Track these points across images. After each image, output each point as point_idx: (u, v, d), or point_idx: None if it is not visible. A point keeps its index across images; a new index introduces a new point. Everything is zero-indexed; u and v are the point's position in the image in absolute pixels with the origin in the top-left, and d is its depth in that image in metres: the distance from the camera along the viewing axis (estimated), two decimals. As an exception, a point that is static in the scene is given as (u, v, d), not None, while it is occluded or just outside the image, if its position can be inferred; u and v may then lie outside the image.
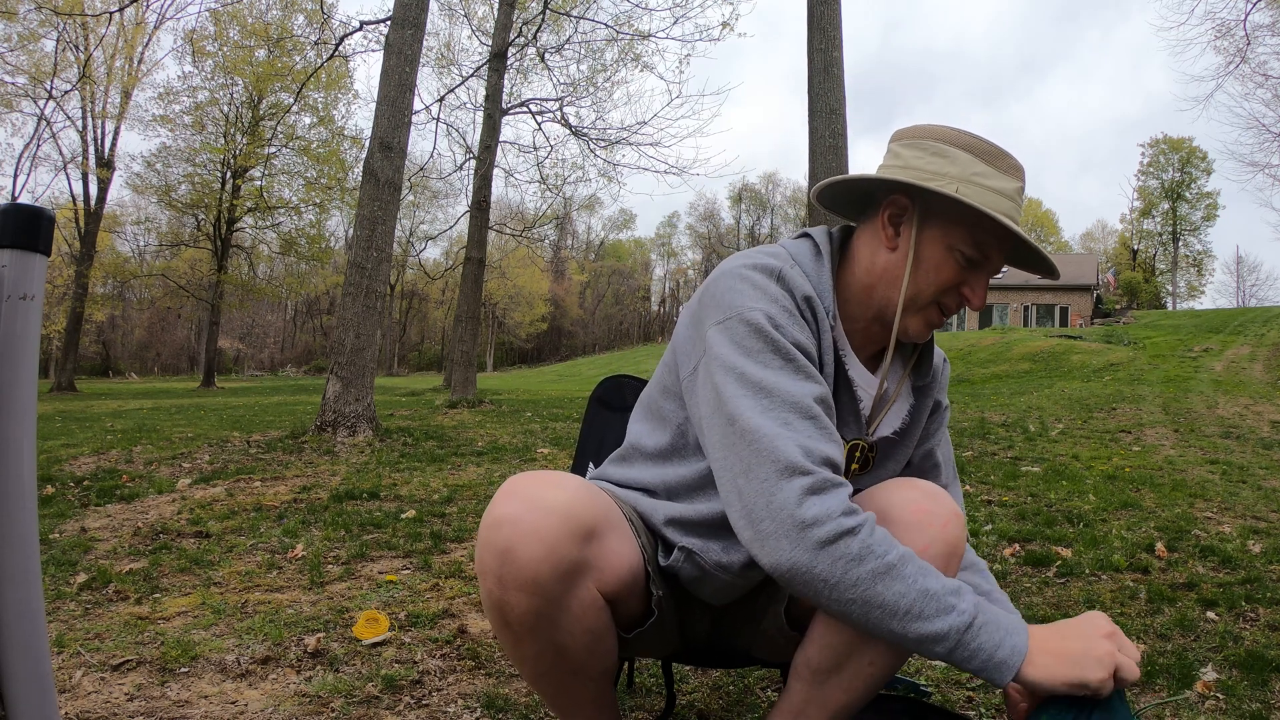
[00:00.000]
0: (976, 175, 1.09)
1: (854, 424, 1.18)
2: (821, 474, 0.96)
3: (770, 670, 1.82)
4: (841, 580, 0.93)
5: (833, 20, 6.52)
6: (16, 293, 0.69)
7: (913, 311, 1.14)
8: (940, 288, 1.13)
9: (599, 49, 14.48)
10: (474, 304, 12.10)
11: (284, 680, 1.77)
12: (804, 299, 1.08)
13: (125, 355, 49.83)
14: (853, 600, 0.93)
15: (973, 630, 0.92)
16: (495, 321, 52.16)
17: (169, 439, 6.24)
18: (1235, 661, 1.86)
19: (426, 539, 3.04)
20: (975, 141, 1.11)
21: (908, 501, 1.09)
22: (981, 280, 1.14)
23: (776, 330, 1.03)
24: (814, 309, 1.09)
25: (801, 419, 0.99)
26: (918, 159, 1.12)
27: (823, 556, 0.93)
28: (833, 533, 0.93)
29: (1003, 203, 1.09)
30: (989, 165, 1.10)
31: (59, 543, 2.97)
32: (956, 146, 1.11)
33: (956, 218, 1.10)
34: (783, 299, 1.06)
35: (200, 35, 21.98)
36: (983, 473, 4.61)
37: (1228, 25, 16.19)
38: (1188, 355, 16.33)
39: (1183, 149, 52.58)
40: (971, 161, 1.10)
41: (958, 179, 1.09)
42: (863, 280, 1.16)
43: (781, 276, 1.08)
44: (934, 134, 1.13)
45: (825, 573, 0.93)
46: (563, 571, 0.98)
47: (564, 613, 1.01)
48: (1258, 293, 55.73)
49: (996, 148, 1.12)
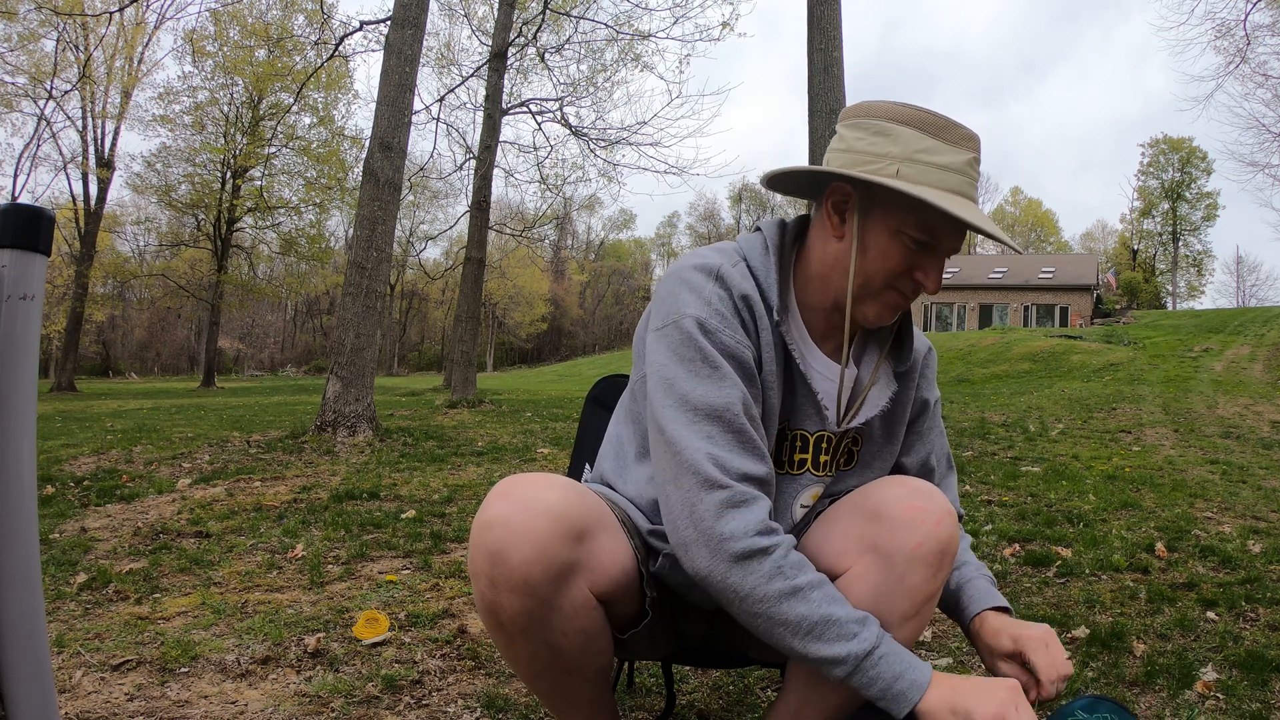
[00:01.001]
0: (921, 152, 1.04)
1: (814, 415, 1.15)
2: (739, 489, 1.00)
3: (770, 670, 1.82)
4: (750, 594, 0.98)
5: (833, 20, 6.52)
6: (16, 293, 0.69)
7: (867, 299, 1.11)
8: (890, 274, 1.08)
9: (599, 49, 14.48)
10: (474, 304, 12.10)
11: (284, 680, 1.77)
12: (741, 298, 1.07)
13: (125, 355, 49.82)
14: (759, 614, 0.99)
15: (872, 659, 0.97)
16: (495, 321, 52.15)
17: (169, 439, 6.24)
18: (1235, 661, 1.87)
19: (426, 539, 3.04)
20: (920, 115, 1.06)
21: (900, 499, 1.09)
22: (934, 263, 1.09)
23: (707, 336, 1.04)
24: (752, 307, 1.08)
25: (724, 432, 1.02)
26: (859, 140, 1.07)
27: (736, 570, 0.98)
28: (747, 549, 0.98)
29: (950, 179, 1.04)
30: (935, 139, 1.04)
31: (59, 543, 2.97)
32: (899, 122, 1.05)
33: (900, 202, 1.05)
34: (719, 300, 1.06)
35: (200, 35, 21.98)
36: (983, 473, 4.61)
37: (1228, 25, 16.18)
38: (1188, 355, 16.33)
39: (1183, 149, 52.57)
40: (916, 137, 1.04)
41: (900, 159, 1.04)
42: (817, 270, 1.14)
43: (720, 276, 1.08)
44: (877, 111, 1.08)
45: (737, 585, 0.98)
46: (554, 572, 0.98)
47: (556, 613, 1.01)
48: (1258, 293, 55.78)
49: (944, 119, 1.06)
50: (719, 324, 1.05)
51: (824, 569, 1.14)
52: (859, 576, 1.09)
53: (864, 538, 1.09)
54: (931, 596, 1.08)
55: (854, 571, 1.10)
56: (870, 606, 1.07)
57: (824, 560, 1.14)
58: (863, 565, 1.09)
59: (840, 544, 1.13)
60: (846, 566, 1.11)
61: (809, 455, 1.17)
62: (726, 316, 1.06)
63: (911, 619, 1.08)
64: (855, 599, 1.08)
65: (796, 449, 1.17)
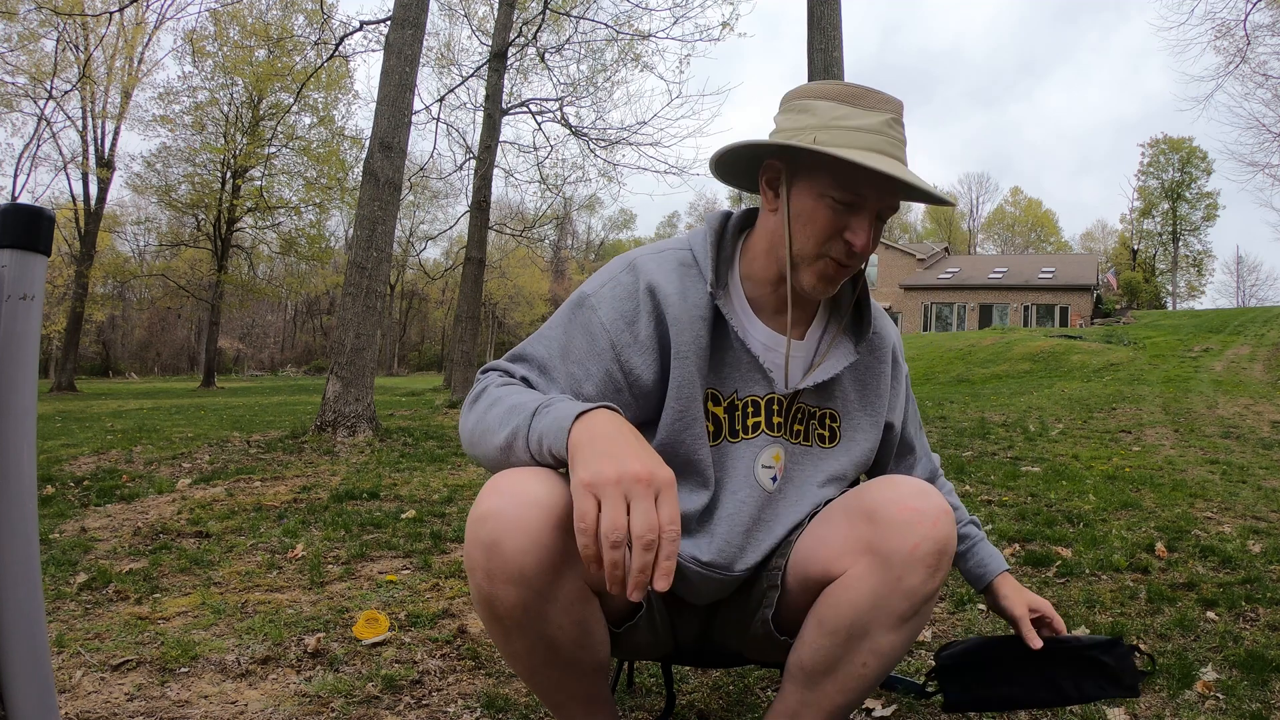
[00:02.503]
0: (836, 119, 1.10)
1: (761, 380, 1.21)
2: (503, 364, 1.18)
3: (770, 670, 1.82)
4: (461, 428, 1.13)
5: (833, 20, 6.52)
6: (16, 293, 0.69)
7: (803, 266, 1.16)
8: (821, 237, 1.13)
9: (599, 49, 14.48)
10: (474, 304, 12.10)
11: (284, 680, 1.77)
12: (647, 287, 1.16)
13: (125, 355, 49.80)
14: (471, 444, 1.11)
15: (537, 417, 1.02)
16: (495, 321, 52.15)
17: (169, 439, 6.24)
18: (1235, 661, 1.86)
19: (426, 539, 3.04)
20: (837, 88, 1.12)
21: (896, 500, 1.09)
22: (861, 222, 1.12)
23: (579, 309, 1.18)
24: (655, 295, 1.16)
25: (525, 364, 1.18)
26: (785, 120, 1.15)
27: (465, 413, 1.13)
28: (473, 391, 1.15)
29: (864, 138, 1.09)
30: (851, 106, 1.11)
31: (59, 543, 2.97)
32: (817, 98, 1.13)
33: (817, 166, 1.11)
34: (622, 285, 1.18)
35: (200, 35, 21.98)
36: (983, 473, 4.61)
37: (1228, 25, 16.19)
38: (1188, 355, 16.32)
39: (1183, 149, 52.54)
40: (832, 108, 1.11)
41: (817, 128, 1.10)
42: (761, 245, 1.21)
43: (634, 266, 1.19)
44: (800, 93, 1.16)
45: (462, 425, 1.14)
46: (549, 563, 0.98)
47: (552, 604, 1.01)
48: (1258, 293, 55.75)
49: (860, 88, 1.12)
50: (598, 303, 1.17)
51: (820, 571, 1.15)
52: (857, 578, 1.09)
53: (861, 539, 1.10)
54: (930, 596, 1.08)
55: (852, 573, 1.10)
56: (869, 608, 1.07)
57: (821, 562, 1.15)
58: (860, 567, 1.09)
59: (837, 546, 1.13)
60: (844, 568, 1.11)
61: (761, 419, 1.21)
62: (621, 298, 1.16)
63: (911, 620, 1.09)
64: (853, 601, 1.08)
65: (749, 414, 1.21)
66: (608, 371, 1.15)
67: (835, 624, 1.10)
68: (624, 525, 0.86)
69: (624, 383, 1.16)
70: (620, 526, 0.86)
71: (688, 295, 1.17)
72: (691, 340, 1.16)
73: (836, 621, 1.10)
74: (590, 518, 0.87)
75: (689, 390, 1.15)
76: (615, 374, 1.15)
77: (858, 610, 1.08)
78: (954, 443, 6.03)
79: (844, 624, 1.09)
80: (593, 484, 0.89)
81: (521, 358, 1.18)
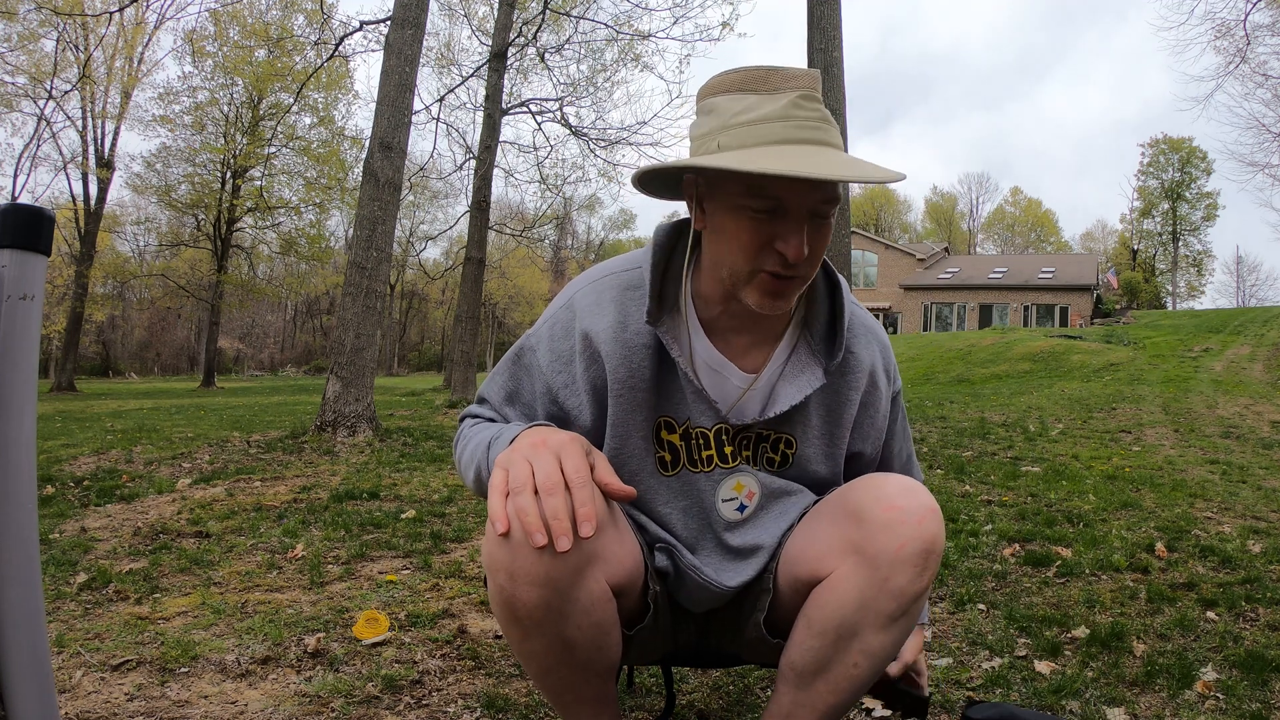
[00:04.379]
0: (737, 115, 1.00)
1: (707, 410, 1.15)
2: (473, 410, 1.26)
3: (770, 670, 1.82)
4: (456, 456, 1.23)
5: (833, 20, 6.52)
6: (16, 293, 0.69)
7: (743, 285, 1.06)
8: (749, 252, 1.03)
9: (599, 49, 14.49)
10: (474, 304, 12.10)
11: (284, 680, 1.77)
12: (582, 332, 1.15)
13: (125, 355, 49.79)
14: (463, 478, 1.20)
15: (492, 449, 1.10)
16: (495, 321, 52.15)
17: (169, 439, 6.24)
18: (1235, 661, 1.86)
19: (426, 539, 3.04)
20: (738, 76, 1.02)
21: (881, 499, 1.07)
22: (791, 228, 1.00)
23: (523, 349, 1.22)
24: (589, 338, 1.14)
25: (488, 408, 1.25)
26: (695, 126, 1.06)
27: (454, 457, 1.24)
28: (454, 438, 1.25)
29: (767, 130, 0.98)
30: (753, 94, 1.00)
31: (59, 543, 2.97)
32: (719, 93, 1.03)
33: (725, 175, 1.01)
34: (560, 324, 1.19)
35: (200, 35, 21.97)
36: (983, 473, 4.61)
37: (1228, 25, 16.19)
38: (1188, 355, 16.32)
39: (1182, 149, 52.51)
40: (732, 102, 1.01)
41: (720, 130, 1.00)
42: (706, 262, 1.13)
43: (570, 304, 1.19)
44: (705, 90, 1.06)
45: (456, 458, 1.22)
46: (571, 564, 0.98)
47: (573, 605, 1.01)
48: (1258, 293, 55.72)
49: (762, 69, 1.01)
50: (537, 344, 1.20)
51: (808, 572, 1.14)
52: (843, 579, 1.08)
53: (846, 540, 1.09)
54: (919, 595, 1.07)
55: (838, 574, 1.09)
56: (856, 609, 1.07)
57: (808, 564, 1.14)
58: (846, 568, 1.08)
59: (823, 547, 1.12)
60: (830, 569, 1.10)
61: (713, 450, 1.18)
62: (553, 341, 1.18)
63: (899, 619, 1.08)
64: (840, 602, 1.08)
65: (701, 446, 1.18)
66: (549, 413, 1.19)
67: (824, 625, 1.09)
68: (527, 478, 0.94)
69: (567, 421, 1.19)
70: (523, 478, 0.94)
71: (629, 324, 1.13)
72: (632, 372, 1.13)
73: (825, 623, 1.09)
74: (499, 482, 0.96)
75: (623, 429, 1.16)
76: (557, 414, 1.19)
77: (845, 611, 1.07)
78: (954, 443, 6.03)
79: (832, 625, 1.08)
80: (501, 461, 0.98)
81: (483, 399, 1.26)
